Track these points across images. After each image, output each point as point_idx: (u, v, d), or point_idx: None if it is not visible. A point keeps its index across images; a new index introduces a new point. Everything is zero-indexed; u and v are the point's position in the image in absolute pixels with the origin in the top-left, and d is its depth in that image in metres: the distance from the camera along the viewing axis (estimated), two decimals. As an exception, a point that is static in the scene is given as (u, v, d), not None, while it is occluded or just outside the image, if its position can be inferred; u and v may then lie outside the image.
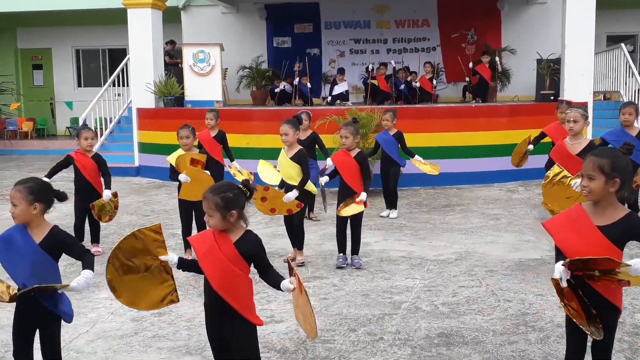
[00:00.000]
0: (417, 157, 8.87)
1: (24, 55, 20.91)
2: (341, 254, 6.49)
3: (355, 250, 6.48)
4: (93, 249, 7.03)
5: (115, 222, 8.78)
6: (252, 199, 3.42)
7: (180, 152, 6.81)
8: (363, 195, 6.16)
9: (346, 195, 6.31)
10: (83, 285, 3.38)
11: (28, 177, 3.68)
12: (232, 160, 8.51)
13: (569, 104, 8.08)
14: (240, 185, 3.36)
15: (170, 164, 6.83)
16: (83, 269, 3.47)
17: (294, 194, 6.18)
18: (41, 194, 3.53)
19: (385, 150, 8.87)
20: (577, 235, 3.13)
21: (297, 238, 6.56)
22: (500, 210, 8.98)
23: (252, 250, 3.36)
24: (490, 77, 14.04)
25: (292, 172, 6.39)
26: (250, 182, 3.43)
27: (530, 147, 7.97)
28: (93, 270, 3.47)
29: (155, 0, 13.08)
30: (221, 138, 8.53)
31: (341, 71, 14.81)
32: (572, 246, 3.12)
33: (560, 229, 3.19)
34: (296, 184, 6.30)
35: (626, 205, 6.19)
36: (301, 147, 6.39)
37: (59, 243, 3.52)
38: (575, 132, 6.20)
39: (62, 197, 3.67)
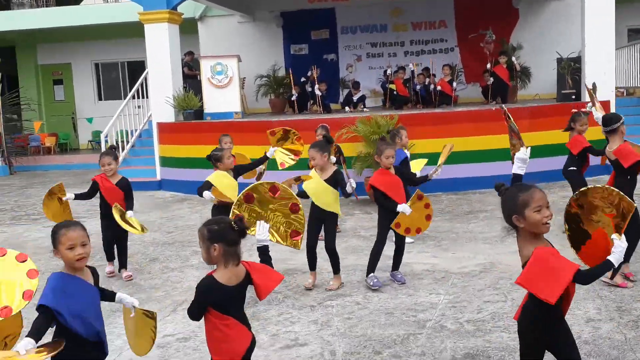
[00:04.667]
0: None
1: (45, 71, 21.20)
2: (372, 274, 6.20)
3: (396, 265, 6.38)
4: (124, 275, 7.06)
5: (139, 240, 8.87)
6: (244, 237, 3.27)
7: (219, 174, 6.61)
8: (403, 208, 5.96)
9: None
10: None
11: (73, 220, 3.70)
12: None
13: (587, 115, 7.92)
14: (232, 222, 3.25)
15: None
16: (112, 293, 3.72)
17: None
18: None
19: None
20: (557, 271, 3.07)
21: (333, 263, 6.33)
22: (524, 216, 8.87)
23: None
24: (508, 77, 13.91)
25: (327, 198, 6.13)
26: (242, 220, 3.29)
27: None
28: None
29: (171, 14, 13.14)
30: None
31: (356, 85, 14.97)
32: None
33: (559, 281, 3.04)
34: (332, 210, 6.12)
35: None
36: (337, 168, 6.20)
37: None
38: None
39: None
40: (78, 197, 6.90)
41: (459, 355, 4.56)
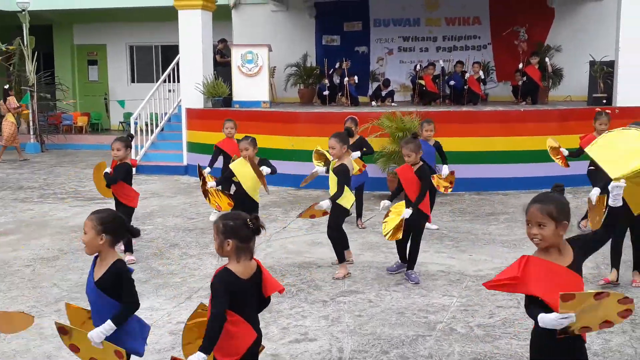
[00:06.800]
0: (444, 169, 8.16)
1: (80, 51, 21.50)
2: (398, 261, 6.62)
3: (410, 264, 6.44)
4: (127, 258, 6.91)
5: (162, 225, 9.01)
6: (258, 235, 3.26)
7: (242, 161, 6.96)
8: (406, 213, 6.20)
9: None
10: (96, 338, 3.34)
11: (104, 208, 3.67)
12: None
13: (608, 115, 7.89)
14: (248, 220, 3.25)
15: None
16: (109, 318, 3.37)
17: (326, 203, 6.29)
18: (111, 227, 3.48)
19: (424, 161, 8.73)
20: (556, 285, 3.00)
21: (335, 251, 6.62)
22: (546, 220, 8.79)
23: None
24: (539, 78, 13.76)
25: (332, 184, 6.49)
26: (259, 219, 3.28)
27: (565, 152, 8.04)
28: (116, 326, 3.36)
29: (205, 1, 13.23)
30: None
31: (386, 82, 15.00)
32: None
33: (540, 286, 3.05)
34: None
35: None
36: (344, 162, 6.40)
37: (116, 278, 3.42)
38: None
39: (134, 233, 3.62)
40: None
41: (466, 360, 4.58)
